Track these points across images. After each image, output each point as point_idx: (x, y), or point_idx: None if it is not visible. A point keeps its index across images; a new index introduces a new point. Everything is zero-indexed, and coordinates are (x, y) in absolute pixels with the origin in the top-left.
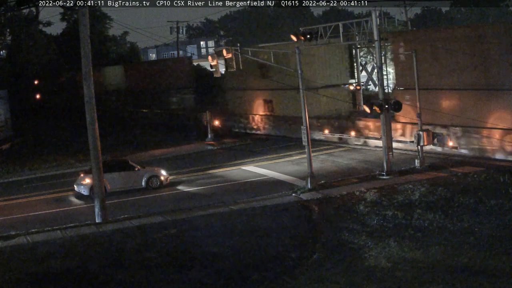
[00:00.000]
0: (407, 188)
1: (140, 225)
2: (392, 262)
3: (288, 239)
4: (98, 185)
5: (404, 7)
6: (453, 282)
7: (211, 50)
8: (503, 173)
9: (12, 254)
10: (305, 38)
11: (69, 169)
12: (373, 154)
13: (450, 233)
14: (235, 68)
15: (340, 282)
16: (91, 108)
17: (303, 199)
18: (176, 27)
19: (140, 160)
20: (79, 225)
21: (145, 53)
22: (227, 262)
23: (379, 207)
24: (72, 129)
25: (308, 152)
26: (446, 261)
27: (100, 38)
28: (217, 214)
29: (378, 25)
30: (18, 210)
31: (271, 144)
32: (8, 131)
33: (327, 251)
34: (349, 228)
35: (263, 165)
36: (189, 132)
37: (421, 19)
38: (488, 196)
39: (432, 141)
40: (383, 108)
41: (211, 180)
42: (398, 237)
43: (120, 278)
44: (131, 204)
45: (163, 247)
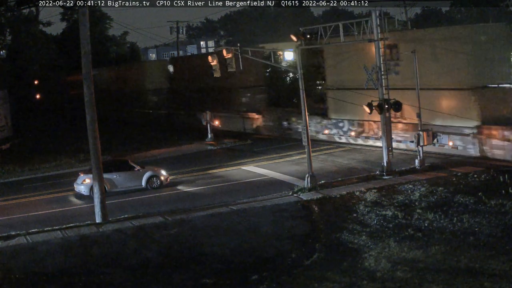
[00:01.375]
0: (407, 188)
1: (140, 225)
2: (392, 262)
3: (288, 239)
4: (98, 185)
5: (404, 7)
6: (453, 282)
7: (211, 50)
8: (503, 173)
9: (12, 254)
10: (305, 38)
11: (69, 169)
12: (373, 154)
13: (450, 233)
14: (235, 68)
15: (340, 282)
16: (91, 108)
17: (303, 199)
18: (176, 27)
19: (140, 160)
20: (79, 225)
21: (145, 53)
22: (227, 262)
23: (379, 207)
24: (72, 129)
25: (308, 152)
26: (446, 261)
27: (100, 38)
28: (217, 214)
29: (378, 25)
30: (18, 210)
31: (271, 144)
32: (8, 131)
33: (327, 251)
34: (349, 228)
35: (263, 165)
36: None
37: (421, 19)
38: (488, 196)
39: (432, 141)
40: (383, 108)
41: (211, 180)
42: (398, 237)
43: (120, 278)
44: (131, 204)
45: (163, 247)
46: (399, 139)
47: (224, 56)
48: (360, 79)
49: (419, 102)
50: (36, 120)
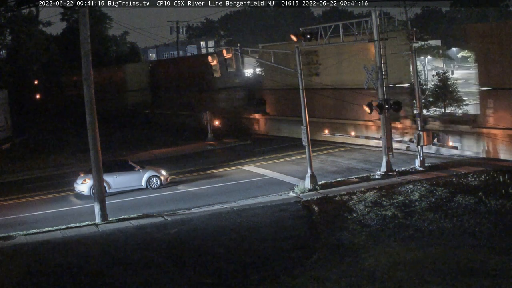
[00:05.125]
0: (407, 188)
1: (140, 225)
2: (392, 262)
3: (288, 239)
4: (98, 185)
5: (404, 7)
6: (453, 282)
7: (211, 50)
8: (503, 173)
9: (12, 254)
10: (305, 38)
11: (69, 169)
12: (373, 154)
13: (450, 233)
14: (235, 68)
15: (340, 282)
16: (91, 108)
17: (303, 199)
18: (176, 27)
19: (140, 160)
20: (79, 225)
21: (145, 53)
22: (227, 262)
23: (379, 207)
24: (72, 129)
25: (308, 152)
26: (446, 261)
27: (100, 38)
28: (217, 214)
29: (378, 25)
30: (18, 210)
31: (271, 144)
32: (8, 131)
33: (327, 251)
34: (349, 228)
35: (263, 165)
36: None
37: (421, 19)
38: (488, 196)
39: (432, 141)
40: (383, 108)
41: (211, 180)
42: (398, 237)
43: (120, 278)
44: (131, 204)
45: (163, 247)
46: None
47: (224, 56)
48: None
49: (419, 102)
50: (36, 120)
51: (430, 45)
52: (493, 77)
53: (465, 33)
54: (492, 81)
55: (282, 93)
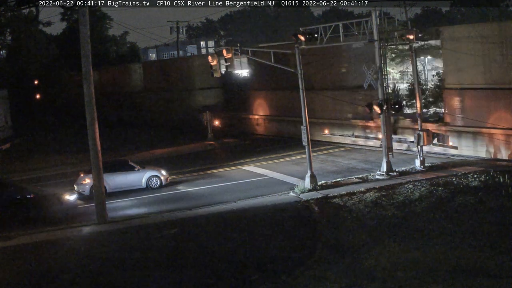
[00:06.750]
0: (407, 188)
1: (140, 225)
2: (392, 262)
3: (288, 239)
4: (98, 185)
5: (404, 7)
6: (453, 282)
7: (211, 50)
8: (503, 173)
9: (12, 254)
10: (305, 38)
11: (69, 169)
12: (373, 154)
13: (450, 233)
14: (235, 68)
15: (340, 282)
16: (91, 108)
17: (303, 199)
18: (176, 27)
19: (140, 160)
20: (79, 225)
21: (145, 53)
22: (227, 262)
23: (379, 207)
24: (72, 129)
25: (308, 152)
26: (446, 261)
27: (100, 38)
28: (217, 214)
29: (378, 25)
30: None
31: (271, 144)
32: (8, 131)
33: (327, 251)
34: (349, 228)
35: (263, 165)
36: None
37: (421, 19)
38: (488, 196)
39: (432, 141)
40: (383, 108)
41: (211, 180)
42: (398, 237)
43: (120, 278)
44: (131, 204)
45: (163, 247)
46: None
47: (224, 56)
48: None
49: (419, 102)
50: (36, 120)
51: (430, 45)
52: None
53: (437, 34)
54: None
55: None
